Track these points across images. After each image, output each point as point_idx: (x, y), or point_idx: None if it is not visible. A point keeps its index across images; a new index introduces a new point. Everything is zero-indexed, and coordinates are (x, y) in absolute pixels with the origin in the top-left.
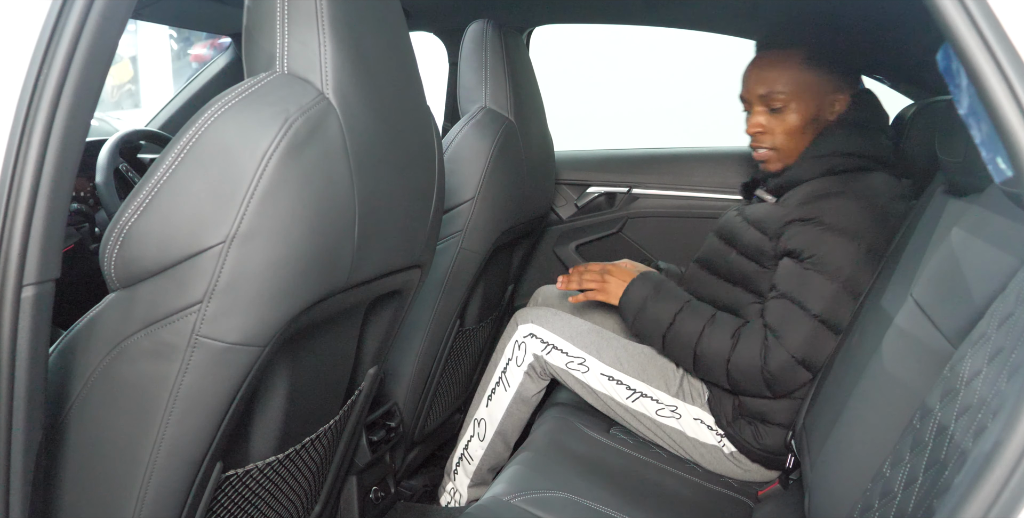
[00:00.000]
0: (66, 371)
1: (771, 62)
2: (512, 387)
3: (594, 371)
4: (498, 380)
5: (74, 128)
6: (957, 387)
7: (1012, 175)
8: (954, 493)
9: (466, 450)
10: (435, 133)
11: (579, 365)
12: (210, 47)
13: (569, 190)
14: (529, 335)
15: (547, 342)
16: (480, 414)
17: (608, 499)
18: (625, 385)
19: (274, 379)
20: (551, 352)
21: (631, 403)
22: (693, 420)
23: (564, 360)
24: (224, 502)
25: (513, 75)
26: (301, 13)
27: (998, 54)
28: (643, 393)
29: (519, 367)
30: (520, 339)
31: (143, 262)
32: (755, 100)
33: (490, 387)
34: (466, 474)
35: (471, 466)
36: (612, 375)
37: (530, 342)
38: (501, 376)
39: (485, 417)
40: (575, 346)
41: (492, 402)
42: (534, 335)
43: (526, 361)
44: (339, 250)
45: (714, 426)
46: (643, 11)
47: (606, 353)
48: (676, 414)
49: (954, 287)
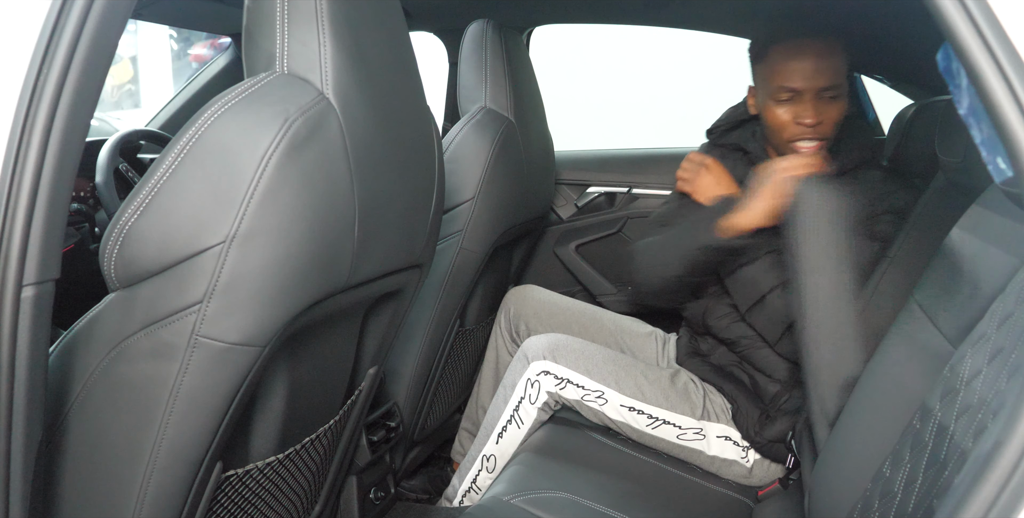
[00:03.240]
0: (66, 371)
1: (825, 51)
2: (526, 424)
3: (613, 403)
4: (510, 418)
5: (74, 128)
6: (957, 387)
7: (1012, 175)
8: (954, 493)
9: (474, 483)
10: (435, 133)
11: (596, 398)
12: (210, 47)
13: (569, 190)
14: (543, 373)
15: (562, 378)
16: (489, 451)
17: (608, 499)
18: (646, 414)
19: (274, 379)
20: (566, 387)
21: (651, 430)
22: (717, 438)
23: (580, 394)
24: (224, 502)
25: (513, 75)
26: (301, 13)
27: (998, 54)
28: (665, 420)
29: (533, 405)
30: (533, 377)
31: (143, 262)
32: (811, 91)
33: (500, 424)
34: (471, 503)
35: (478, 496)
36: (633, 406)
37: (544, 380)
38: (513, 414)
39: (495, 454)
40: (592, 380)
41: (503, 440)
42: (548, 372)
43: (540, 399)
44: (339, 250)
45: (740, 441)
46: (643, 11)
47: (625, 384)
48: (700, 435)
49: (954, 287)
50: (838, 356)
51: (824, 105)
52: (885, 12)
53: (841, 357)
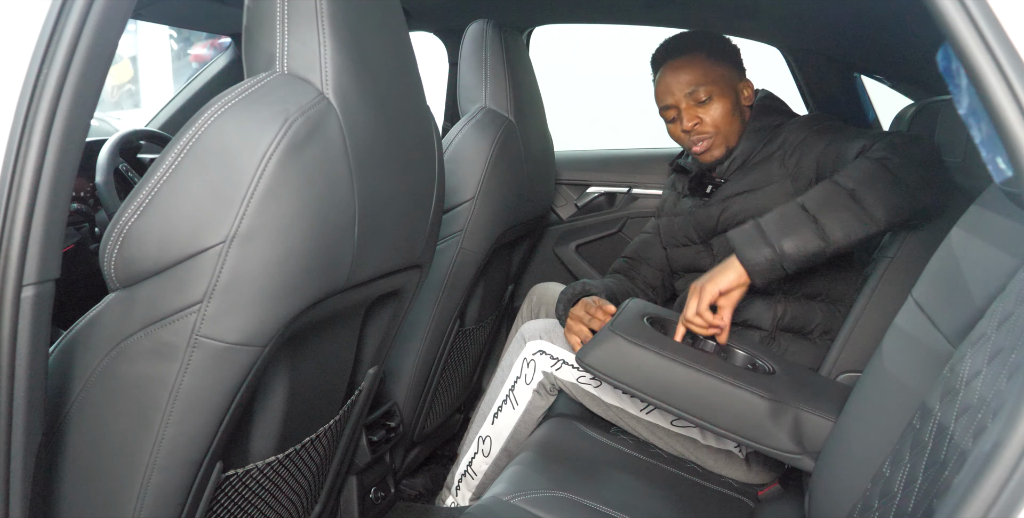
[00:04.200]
0: (66, 371)
1: (681, 65)
2: (521, 405)
3: (607, 384)
4: (505, 398)
5: (74, 128)
6: (957, 387)
7: (1012, 175)
8: (954, 493)
9: (470, 467)
10: (435, 133)
11: (591, 379)
12: (210, 47)
13: (569, 190)
14: (538, 352)
15: (557, 358)
16: (485, 432)
17: (608, 499)
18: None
19: (274, 379)
20: (561, 368)
21: (644, 414)
22: None
23: (575, 375)
24: (224, 502)
25: (513, 75)
26: (301, 13)
27: (998, 54)
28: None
29: (528, 385)
30: (529, 357)
31: (143, 262)
32: (682, 99)
33: (496, 404)
34: (469, 489)
35: (474, 481)
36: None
37: (539, 359)
38: (509, 394)
39: (491, 434)
40: None
41: (499, 420)
42: (543, 352)
43: (536, 379)
44: (339, 250)
45: None
46: (643, 11)
47: None
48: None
49: (954, 287)
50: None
51: (697, 108)
52: (885, 12)
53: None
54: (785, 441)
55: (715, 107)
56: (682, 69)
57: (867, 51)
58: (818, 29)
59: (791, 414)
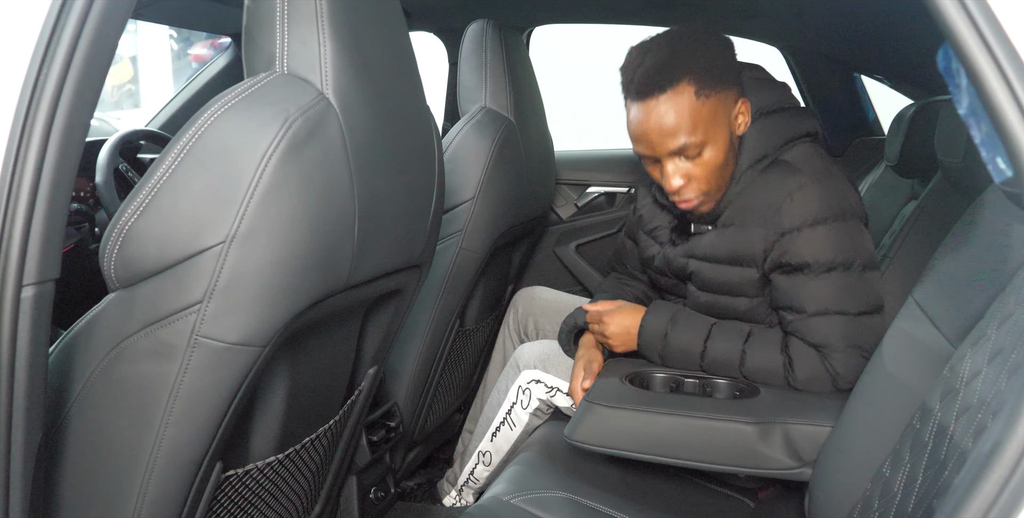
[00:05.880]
0: (66, 371)
1: (665, 109)
2: (518, 426)
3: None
4: (503, 420)
5: (74, 128)
6: (957, 387)
7: (1012, 175)
8: (954, 493)
9: (471, 475)
10: (435, 133)
11: None
12: (210, 47)
13: (569, 190)
14: (532, 381)
15: (552, 387)
16: (485, 447)
17: (608, 499)
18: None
19: (274, 379)
20: (556, 395)
21: None
22: None
23: (571, 402)
24: (224, 502)
25: (513, 75)
26: (301, 13)
27: (998, 54)
28: None
29: (525, 409)
30: (524, 385)
31: (143, 262)
32: (662, 155)
33: (494, 424)
34: (471, 490)
35: (478, 485)
36: None
37: (534, 388)
38: (506, 417)
39: (491, 450)
40: None
41: (498, 438)
42: (538, 381)
43: (532, 405)
44: (339, 250)
45: None
46: (643, 11)
47: None
48: None
49: (954, 287)
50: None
51: (685, 163)
52: (885, 12)
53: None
54: (782, 459)
55: (707, 162)
56: (666, 115)
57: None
58: (818, 29)
59: (780, 432)
